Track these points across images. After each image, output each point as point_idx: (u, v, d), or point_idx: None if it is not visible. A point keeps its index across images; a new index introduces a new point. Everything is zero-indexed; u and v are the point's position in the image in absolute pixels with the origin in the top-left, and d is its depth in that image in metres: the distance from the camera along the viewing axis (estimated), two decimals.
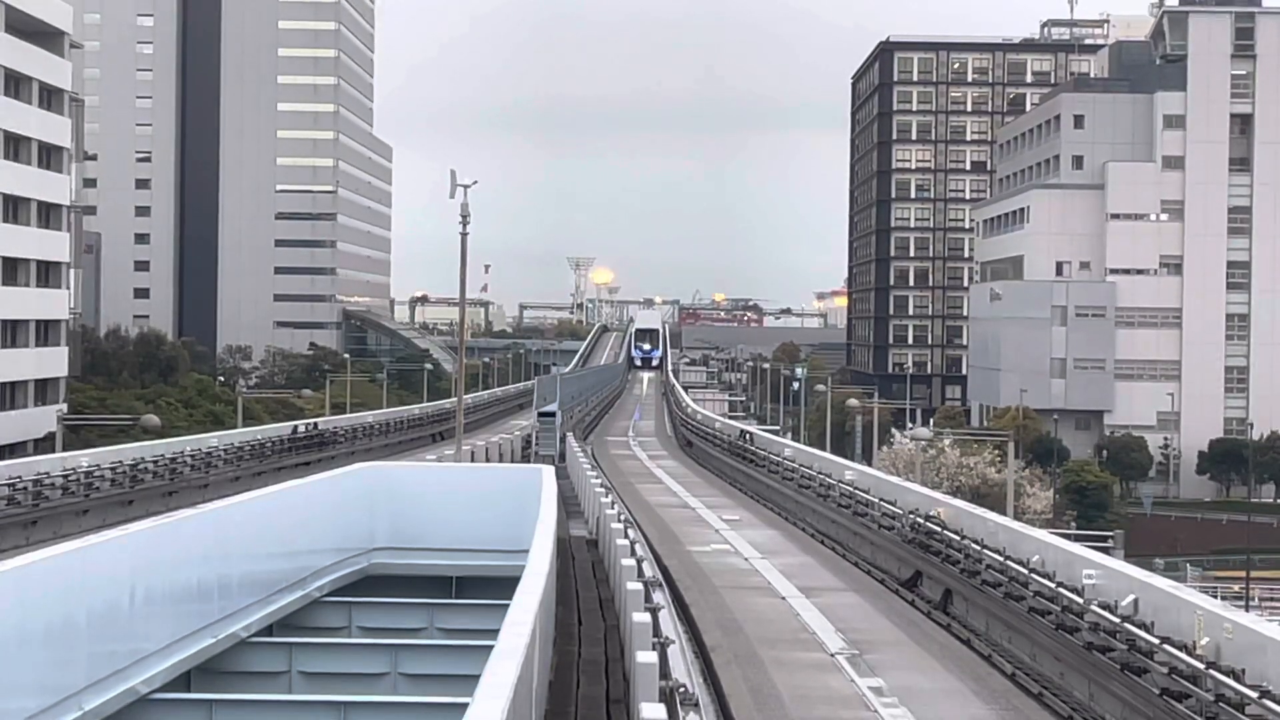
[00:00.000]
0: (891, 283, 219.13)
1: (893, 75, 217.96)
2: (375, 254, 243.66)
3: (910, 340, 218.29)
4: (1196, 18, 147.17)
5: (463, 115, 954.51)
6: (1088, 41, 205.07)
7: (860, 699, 25.23)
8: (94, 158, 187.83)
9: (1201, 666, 21.10)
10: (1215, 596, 43.84)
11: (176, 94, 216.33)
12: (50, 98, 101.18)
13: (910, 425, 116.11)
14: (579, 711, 19.06)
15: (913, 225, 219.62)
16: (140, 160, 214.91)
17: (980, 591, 32.24)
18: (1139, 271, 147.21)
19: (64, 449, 66.13)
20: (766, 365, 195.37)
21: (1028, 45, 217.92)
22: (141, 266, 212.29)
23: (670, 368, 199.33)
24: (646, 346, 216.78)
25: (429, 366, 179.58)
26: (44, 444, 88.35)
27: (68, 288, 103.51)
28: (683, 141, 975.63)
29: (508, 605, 16.69)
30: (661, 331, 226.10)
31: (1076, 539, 38.49)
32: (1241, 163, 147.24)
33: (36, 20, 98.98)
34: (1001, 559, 31.29)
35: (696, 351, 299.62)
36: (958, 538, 35.08)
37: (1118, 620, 24.39)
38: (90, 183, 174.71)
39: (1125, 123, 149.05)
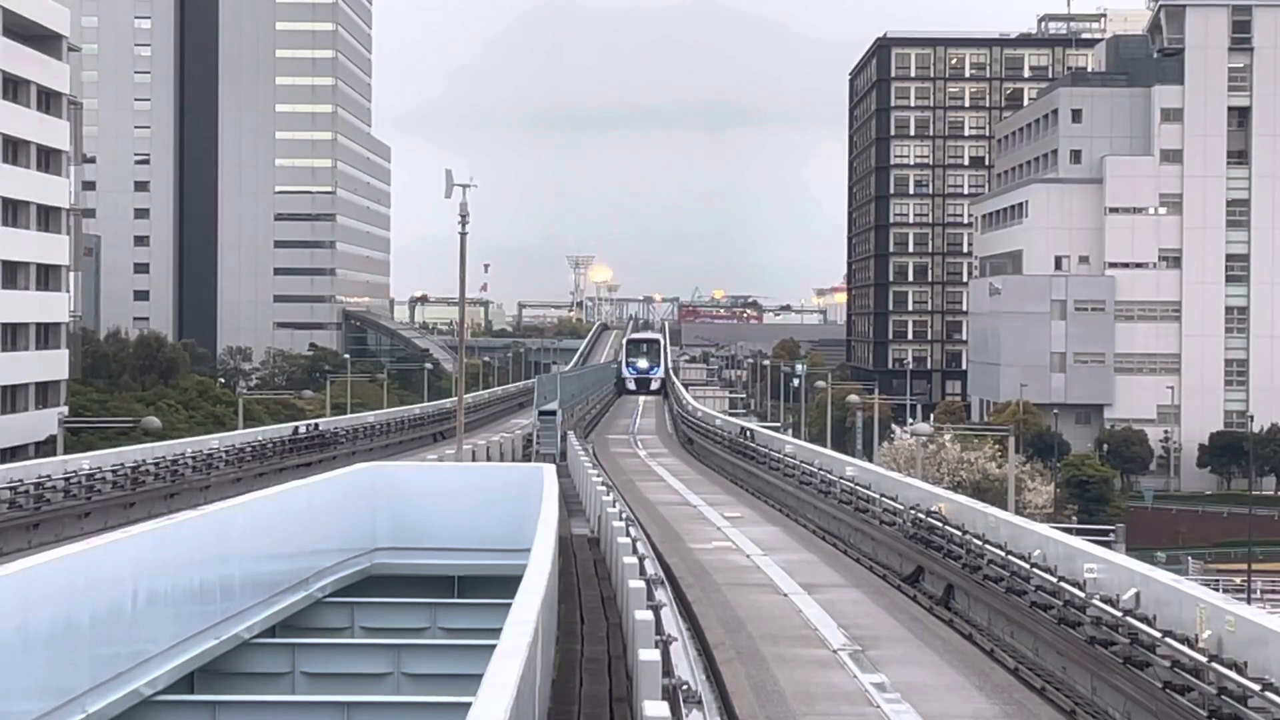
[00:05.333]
0: (891, 278, 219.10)
1: (890, 71, 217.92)
2: (374, 254, 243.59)
3: (910, 335, 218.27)
4: (1193, 11, 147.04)
5: (461, 113, 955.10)
6: (1085, 36, 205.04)
7: (863, 695, 25.24)
8: (93, 160, 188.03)
9: (1204, 660, 21.10)
10: (1217, 589, 43.87)
11: (174, 96, 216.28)
12: (48, 101, 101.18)
13: (910, 421, 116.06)
14: (582, 710, 19.08)
15: (911, 220, 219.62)
16: (139, 162, 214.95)
17: (982, 586, 32.26)
18: (1138, 265, 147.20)
19: (65, 452, 66.07)
20: (766, 362, 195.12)
21: (1025, 40, 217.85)
22: (141, 269, 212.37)
23: (670, 365, 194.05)
24: (643, 364, 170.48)
25: (429, 366, 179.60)
26: (45, 447, 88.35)
27: (67, 290, 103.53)
28: (681, 138, 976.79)
29: (510, 604, 16.69)
30: (662, 344, 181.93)
31: (1078, 533, 38.46)
32: (1239, 155, 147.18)
33: (34, 24, 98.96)
34: (1003, 554, 31.29)
35: (696, 349, 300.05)
36: (959, 533, 35.09)
37: (1119, 614, 24.40)
38: (89, 185, 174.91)
39: (1123, 117, 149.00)
